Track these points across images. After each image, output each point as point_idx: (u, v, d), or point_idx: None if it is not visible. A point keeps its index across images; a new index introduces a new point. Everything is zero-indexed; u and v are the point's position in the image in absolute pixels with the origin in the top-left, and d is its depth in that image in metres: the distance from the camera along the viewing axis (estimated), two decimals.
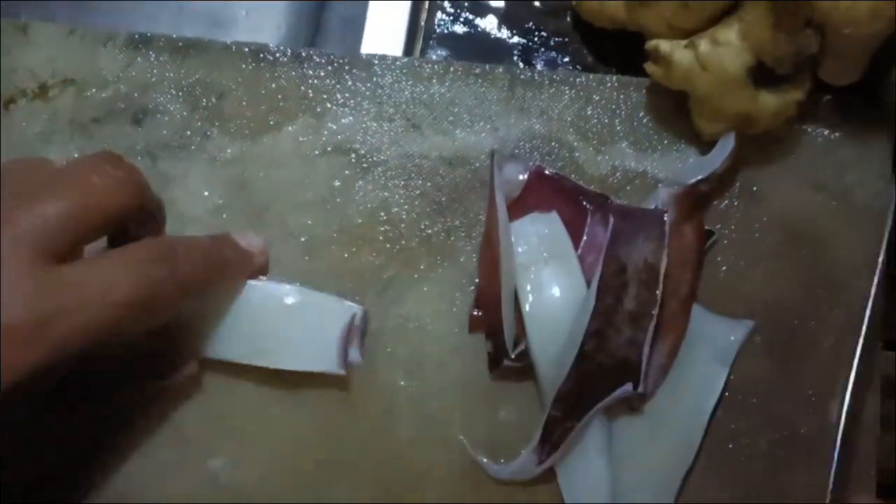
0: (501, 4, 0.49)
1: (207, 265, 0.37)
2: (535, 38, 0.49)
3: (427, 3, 0.49)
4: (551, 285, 0.42)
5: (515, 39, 0.49)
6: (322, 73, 0.45)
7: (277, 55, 0.45)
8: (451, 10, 0.49)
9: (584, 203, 0.43)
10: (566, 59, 0.49)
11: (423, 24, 0.49)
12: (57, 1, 0.52)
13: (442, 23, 0.49)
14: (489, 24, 0.49)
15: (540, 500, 0.42)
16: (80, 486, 0.41)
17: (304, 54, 0.45)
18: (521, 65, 0.49)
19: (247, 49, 0.45)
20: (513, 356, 0.42)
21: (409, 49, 0.48)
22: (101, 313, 0.31)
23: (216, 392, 0.42)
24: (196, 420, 0.42)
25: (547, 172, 0.44)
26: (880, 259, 0.43)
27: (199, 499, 0.41)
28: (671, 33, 0.41)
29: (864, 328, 0.43)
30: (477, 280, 0.43)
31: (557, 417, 0.40)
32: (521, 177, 0.44)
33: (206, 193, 0.44)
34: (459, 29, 0.49)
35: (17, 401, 0.30)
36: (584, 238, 0.43)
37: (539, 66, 0.49)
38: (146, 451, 0.42)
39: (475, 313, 0.43)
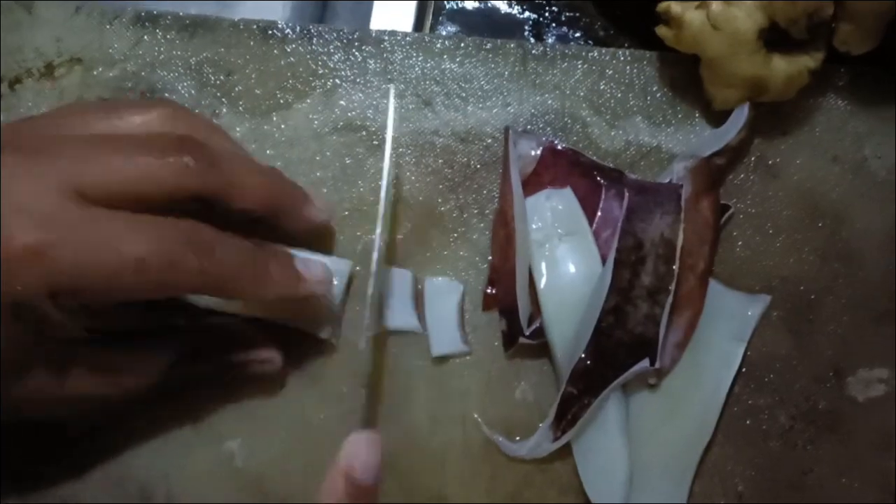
0: None
1: (243, 271, 0.35)
2: (546, 13, 0.48)
3: None
4: (566, 262, 0.42)
5: (526, 14, 0.48)
6: (331, 50, 0.44)
7: (286, 32, 0.44)
8: None
9: (599, 178, 0.43)
10: (578, 34, 0.48)
11: None
12: None
13: None
14: None
15: (557, 478, 0.41)
16: (93, 467, 0.41)
17: (312, 31, 0.44)
18: (533, 40, 0.48)
19: (255, 26, 0.45)
20: (527, 334, 0.41)
21: (419, 25, 0.48)
22: (101, 259, 0.31)
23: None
24: (212, 402, 0.42)
25: (560, 148, 0.43)
26: None
27: (215, 480, 0.41)
28: None
29: None
30: (490, 258, 0.43)
31: (573, 394, 0.40)
32: (534, 152, 0.43)
33: None
34: (469, 4, 0.49)
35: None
36: (599, 213, 0.42)
37: (550, 41, 0.48)
38: (162, 433, 0.41)
39: (489, 291, 0.43)
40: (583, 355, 0.39)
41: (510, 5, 0.48)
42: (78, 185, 0.31)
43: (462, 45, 0.45)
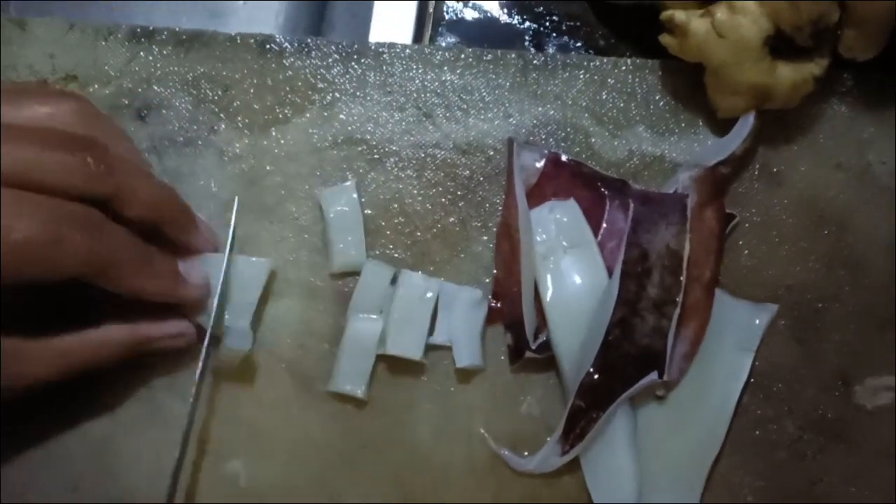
0: None
1: (127, 258, 0.35)
2: (547, 23, 0.48)
3: None
4: (572, 274, 0.41)
5: (526, 24, 0.48)
6: (330, 63, 0.44)
7: (284, 46, 0.44)
8: None
9: (602, 189, 0.43)
10: (578, 44, 0.48)
11: (431, 10, 0.48)
12: None
13: (451, 9, 0.48)
14: (499, 9, 0.48)
15: (565, 492, 0.41)
16: (95, 487, 0.40)
17: (311, 44, 0.44)
18: (533, 50, 0.48)
19: (252, 40, 0.44)
20: (534, 348, 0.41)
21: (418, 36, 0.47)
22: None
23: (233, 393, 0.41)
24: (214, 422, 0.41)
25: (563, 159, 0.43)
26: None
27: (219, 501, 0.40)
28: (688, 3, 0.41)
29: None
30: (494, 271, 0.42)
31: (581, 408, 0.39)
32: (537, 164, 0.43)
33: (214, 189, 0.43)
34: (469, 15, 0.48)
35: None
36: (604, 225, 0.42)
37: (551, 51, 0.48)
38: (164, 454, 0.41)
39: (493, 305, 0.42)
40: (591, 369, 0.39)
41: (510, 15, 0.48)
42: None
43: (462, 56, 0.44)
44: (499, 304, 0.42)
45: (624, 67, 0.44)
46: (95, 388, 0.40)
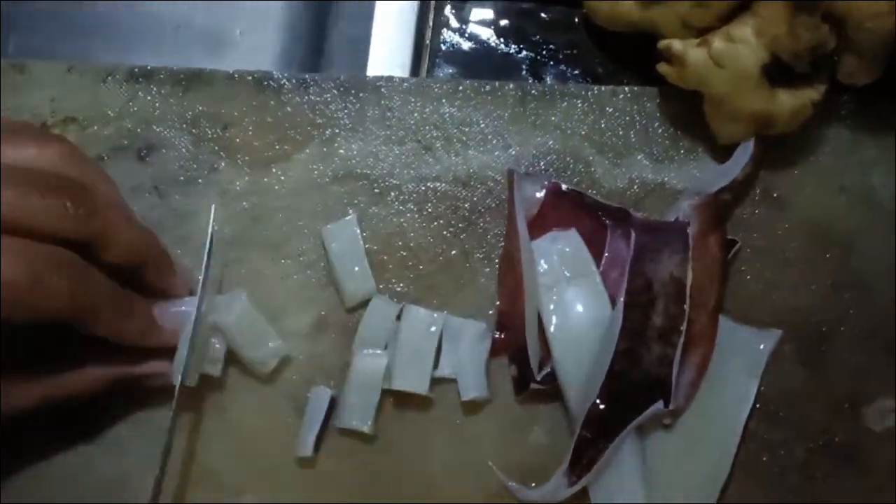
0: (507, 20, 0.48)
1: (107, 303, 0.35)
2: (544, 52, 0.48)
3: (431, 20, 0.48)
4: (575, 305, 0.41)
5: (524, 54, 0.48)
6: (328, 98, 0.44)
7: (282, 82, 0.44)
8: (457, 26, 0.48)
9: (604, 218, 0.43)
10: (576, 72, 0.48)
11: (428, 42, 0.48)
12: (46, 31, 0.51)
13: (448, 40, 0.48)
14: (496, 39, 0.48)
15: None
16: None
17: (308, 80, 0.44)
18: (531, 79, 0.48)
19: (250, 78, 0.44)
20: (539, 379, 0.41)
21: (415, 69, 0.47)
22: None
23: (243, 430, 0.41)
24: (225, 459, 0.41)
25: (564, 189, 0.43)
26: None
27: None
28: (685, 32, 0.41)
29: None
30: (497, 303, 0.42)
31: (588, 439, 0.39)
32: (538, 194, 0.43)
33: (217, 227, 0.43)
34: (466, 45, 0.48)
35: None
36: (606, 254, 0.42)
37: (549, 80, 0.48)
38: (176, 493, 0.41)
39: (497, 336, 0.42)
40: (597, 399, 0.39)
41: (507, 45, 0.48)
42: None
43: (460, 88, 0.44)
44: (503, 336, 0.42)
45: (623, 96, 0.44)
46: (104, 426, 0.41)
